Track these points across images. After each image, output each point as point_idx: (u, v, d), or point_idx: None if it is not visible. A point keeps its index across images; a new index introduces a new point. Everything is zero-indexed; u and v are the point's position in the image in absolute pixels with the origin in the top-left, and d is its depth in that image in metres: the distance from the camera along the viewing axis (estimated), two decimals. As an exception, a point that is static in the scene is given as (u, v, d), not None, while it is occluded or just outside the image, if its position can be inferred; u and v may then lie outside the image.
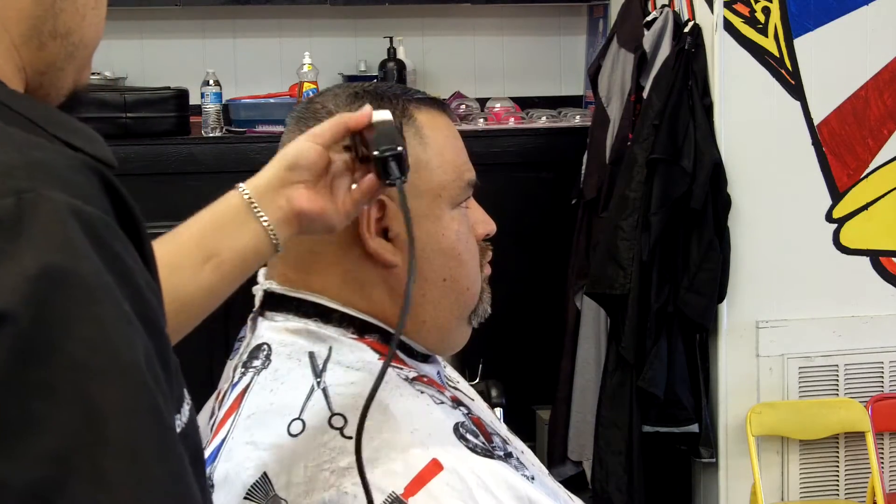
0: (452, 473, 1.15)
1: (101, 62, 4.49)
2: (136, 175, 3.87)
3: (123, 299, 0.72)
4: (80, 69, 0.88)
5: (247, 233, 1.17)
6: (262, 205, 1.17)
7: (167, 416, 0.74)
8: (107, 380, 0.69)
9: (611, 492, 3.55)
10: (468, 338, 1.37)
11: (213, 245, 1.16)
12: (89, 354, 0.69)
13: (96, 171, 0.77)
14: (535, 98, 4.76)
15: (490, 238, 1.37)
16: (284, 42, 4.66)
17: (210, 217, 1.18)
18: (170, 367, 0.77)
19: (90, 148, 0.79)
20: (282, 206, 1.17)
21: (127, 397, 0.70)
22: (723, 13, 3.47)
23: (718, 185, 3.46)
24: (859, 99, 3.58)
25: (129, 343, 0.71)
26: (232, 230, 1.16)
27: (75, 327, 0.69)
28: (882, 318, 3.62)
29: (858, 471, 3.60)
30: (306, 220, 1.19)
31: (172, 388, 0.77)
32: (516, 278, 4.10)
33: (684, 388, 3.48)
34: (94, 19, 0.87)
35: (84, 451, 0.68)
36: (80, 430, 0.68)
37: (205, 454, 1.24)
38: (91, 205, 0.73)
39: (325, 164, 1.19)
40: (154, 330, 0.75)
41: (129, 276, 0.74)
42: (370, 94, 1.29)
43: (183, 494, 0.73)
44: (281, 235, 1.18)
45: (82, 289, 0.70)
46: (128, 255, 0.75)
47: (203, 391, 1.44)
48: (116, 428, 0.69)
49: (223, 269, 1.16)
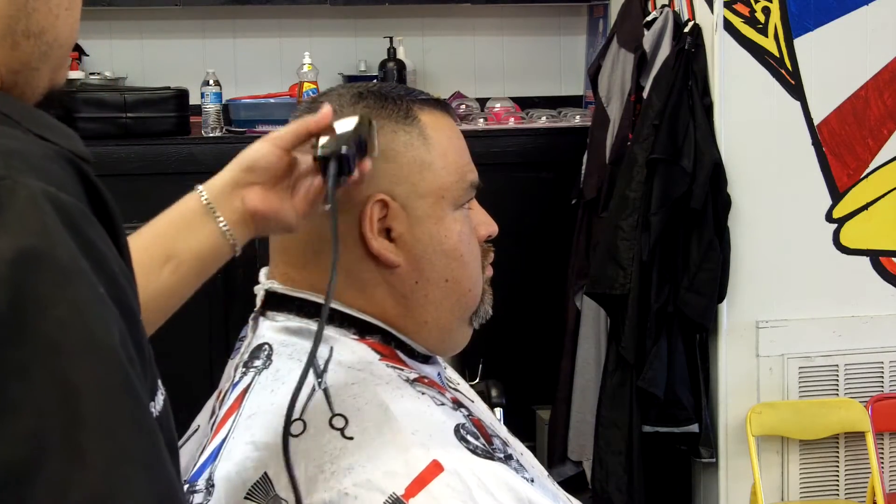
0: (453, 475, 1.15)
1: (102, 62, 4.49)
2: (136, 175, 3.87)
3: (98, 282, 0.74)
4: (56, 68, 0.89)
5: (204, 234, 1.19)
6: (218, 206, 1.19)
7: (142, 393, 0.75)
8: (81, 359, 0.71)
9: (611, 492, 3.55)
10: (469, 339, 1.37)
11: (172, 247, 1.18)
12: (64, 335, 0.71)
13: (71, 162, 0.79)
14: (535, 98, 4.76)
15: (491, 239, 1.38)
16: (284, 42, 4.66)
17: (169, 219, 1.20)
18: (144, 353, 0.78)
19: (66, 143, 0.81)
20: (237, 207, 1.19)
21: (101, 376, 0.72)
22: (723, 13, 3.47)
23: (718, 185, 3.46)
24: (859, 99, 3.58)
25: (104, 324, 0.73)
26: (190, 232, 1.18)
27: (50, 309, 0.71)
28: (882, 318, 3.62)
29: (858, 471, 3.60)
30: (261, 221, 1.21)
31: (147, 374, 0.78)
32: (516, 278, 4.10)
33: (684, 388, 3.48)
34: (69, 19, 0.88)
35: (60, 429, 0.70)
36: (56, 409, 0.70)
37: (206, 453, 1.25)
38: (66, 192, 0.75)
39: (284, 167, 1.21)
40: (128, 313, 0.77)
41: (104, 261, 0.76)
42: (374, 95, 1.30)
43: (158, 469, 0.74)
44: (238, 236, 1.20)
45: (57, 272, 0.72)
46: (102, 242, 0.77)
47: (203, 391, 1.44)
48: (91, 405, 0.71)
49: (181, 270, 1.18)
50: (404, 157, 1.28)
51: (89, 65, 4.46)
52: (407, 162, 1.28)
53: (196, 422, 1.37)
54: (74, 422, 0.70)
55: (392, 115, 1.28)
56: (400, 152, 1.28)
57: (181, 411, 1.05)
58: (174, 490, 0.76)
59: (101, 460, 0.70)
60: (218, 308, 3.85)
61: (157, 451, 0.75)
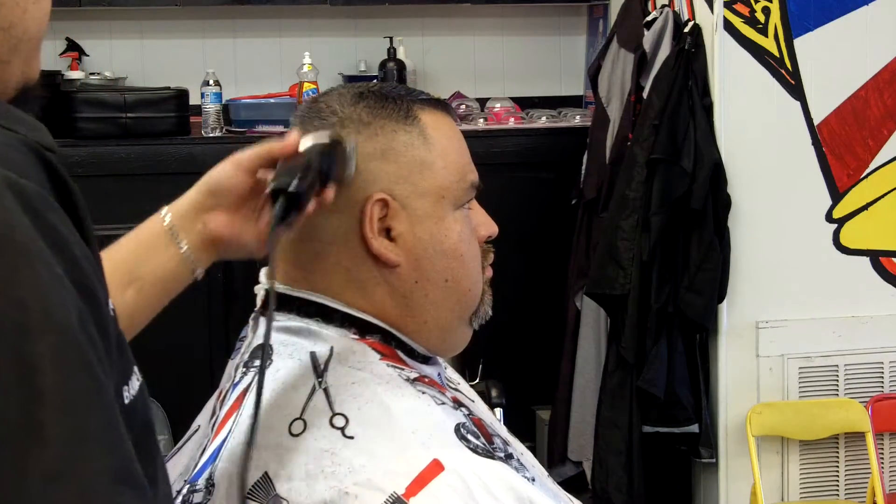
0: (454, 474, 1.15)
1: (102, 62, 4.49)
2: (136, 175, 3.88)
3: (56, 264, 0.75)
4: (27, 61, 0.90)
5: (166, 258, 1.20)
6: (181, 229, 1.21)
7: (100, 372, 0.76)
8: (40, 338, 0.73)
9: (611, 492, 3.55)
10: (469, 339, 1.37)
11: (136, 269, 1.20)
12: (21, 314, 0.72)
13: (35, 151, 0.80)
14: (535, 98, 4.76)
15: (491, 239, 1.38)
16: (284, 42, 4.66)
17: (134, 241, 1.22)
18: (108, 336, 0.80)
19: (33, 135, 0.82)
20: (199, 231, 1.21)
21: (59, 354, 0.73)
22: (723, 13, 3.47)
23: (718, 185, 3.46)
24: (859, 99, 3.58)
25: (61, 303, 0.74)
26: (153, 255, 1.20)
27: (8, 289, 0.73)
28: (882, 318, 3.62)
29: (858, 471, 3.60)
30: (222, 245, 1.22)
31: (112, 356, 0.80)
32: (516, 278, 4.10)
33: (684, 388, 3.48)
34: (37, 13, 0.89)
35: (18, 406, 0.71)
36: (14, 386, 0.71)
37: (207, 453, 1.25)
38: (26, 179, 0.76)
39: (247, 189, 1.21)
40: (89, 295, 0.78)
41: (65, 245, 0.77)
42: (374, 95, 1.30)
43: (116, 447, 0.75)
44: (200, 261, 1.21)
45: (15, 253, 0.73)
46: (63, 227, 0.78)
47: (203, 391, 1.45)
48: (49, 383, 0.72)
49: (145, 291, 1.20)
50: (405, 157, 1.28)
51: (89, 65, 4.46)
52: (407, 162, 1.28)
53: (196, 422, 1.37)
54: (32, 399, 0.71)
55: (392, 115, 1.28)
56: (400, 152, 1.28)
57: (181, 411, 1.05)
58: (131, 468, 0.76)
59: (58, 437, 0.72)
60: (218, 308, 3.85)
61: (114, 429, 0.76)
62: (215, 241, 1.21)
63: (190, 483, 1.24)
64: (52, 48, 4.37)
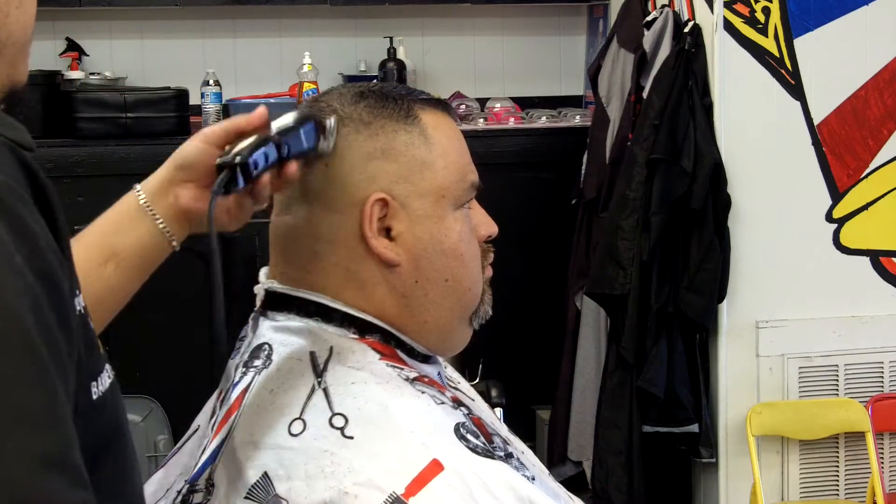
0: (453, 473, 1.15)
1: (102, 62, 4.49)
2: (137, 175, 3.84)
3: (16, 253, 0.77)
4: (13, 65, 0.91)
5: (142, 231, 1.22)
6: (154, 204, 1.23)
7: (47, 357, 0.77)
8: None
9: (611, 492, 3.55)
10: (469, 339, 1.37)
11: (114, 244, 1.22)
12: None
13: (10, 148, 0.82)
14: (535, 98, 4.76)
15: (491, 239, 1.38)
16: (284, 42, 4.66)
17: (109, 218, 1.24)
18: (71, 330, 0.81)
19: (10, 134, 0.84)
20: (172, 204, 1.23)
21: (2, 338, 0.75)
22: (723, 13, 3.47)
23: (718, 185, 3.46)
24: (859, 99, 3.58)
25: (15, 291, 0.76)
26: (128, 230, 1.22)
27: None
28: (882, 318, 3.62)
29: (858, 471, 3.60)
30: (195, 219, 1.24)
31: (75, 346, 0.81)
32: (516, 278, 4.10)
33: (684, 388, 3.48)
34: (21, 17, 0.90)
35: None
36: None
37: (207, 453, 1.25)
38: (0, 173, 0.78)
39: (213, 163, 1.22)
40: (50, 285, 0.79)
41: (31, 236, 0.79)
42: (375, 94, 1.30)
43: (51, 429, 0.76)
44: (175, 233, 1.23)
45: None
46: (31, 219, 0.80)
47: (203, 391, 1.44)
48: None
49: (124, 266, 1.22)
50: (405, 157, 1.28)
51: (89, 65, 4.46)
52: (407, 161, 1.28)
53: (196, 422, 1.37)
54: None
55: (393, 115, 1.29)
56: (401, 152, 1.28)
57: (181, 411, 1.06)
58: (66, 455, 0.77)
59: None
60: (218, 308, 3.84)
61: (53, 412, 0.77)
62: (187, 214, 1.23)
63: (190, 483, 1.24)
64: (52, 48, 4.37)
